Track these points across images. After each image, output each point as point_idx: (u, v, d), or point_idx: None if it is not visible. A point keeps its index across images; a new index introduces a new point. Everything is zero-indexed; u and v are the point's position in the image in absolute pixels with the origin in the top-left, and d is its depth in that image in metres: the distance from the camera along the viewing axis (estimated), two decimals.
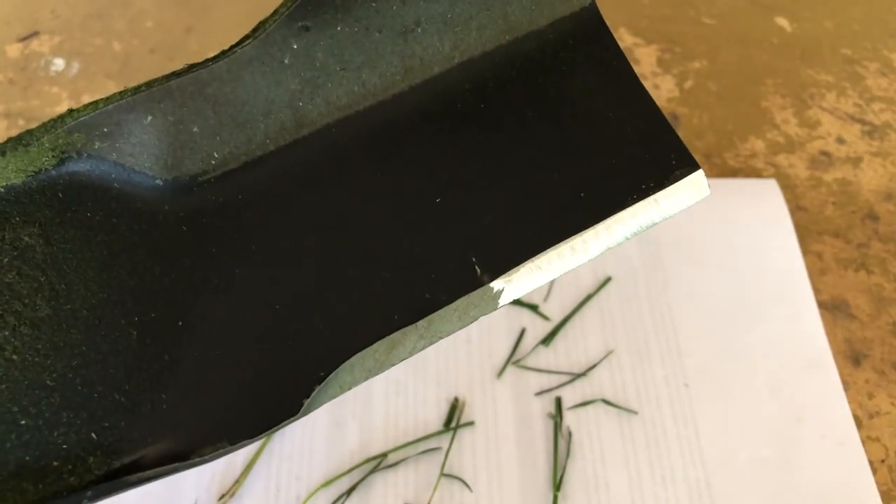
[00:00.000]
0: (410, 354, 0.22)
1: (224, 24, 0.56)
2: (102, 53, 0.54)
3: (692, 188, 0.24)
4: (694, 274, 0.42)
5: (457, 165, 0.24)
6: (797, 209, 0.46)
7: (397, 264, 0.23)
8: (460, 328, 0.22)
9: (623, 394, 0.38)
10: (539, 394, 0.38)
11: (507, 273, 0.22)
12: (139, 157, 0.24)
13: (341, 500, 0.35)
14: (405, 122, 0.25)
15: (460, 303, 0.22)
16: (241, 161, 0.25)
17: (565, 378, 0.39)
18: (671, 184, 0.24)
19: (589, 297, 0.41)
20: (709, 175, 0.44)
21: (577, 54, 0.26)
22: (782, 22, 0.57)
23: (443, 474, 0.36)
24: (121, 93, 0.24)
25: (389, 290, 0.23)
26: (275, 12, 0.24)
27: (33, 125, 0.49)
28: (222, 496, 0.35)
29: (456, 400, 0.38)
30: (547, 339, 0.40)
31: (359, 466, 0.36)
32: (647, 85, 0.53)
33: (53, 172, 0.23)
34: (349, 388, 0.22)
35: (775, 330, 0.40)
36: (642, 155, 0.24)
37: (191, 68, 0.24)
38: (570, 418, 0.38)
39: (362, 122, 0.25)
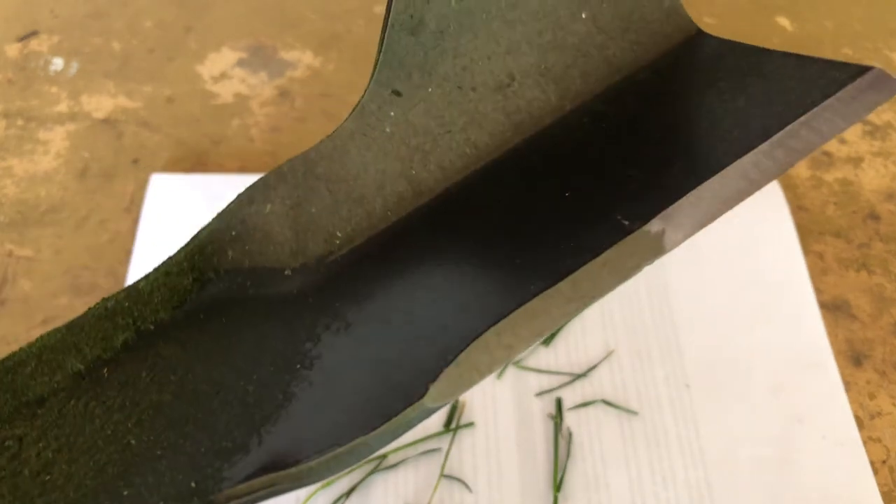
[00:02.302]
0: (557, 323, 0.19)
1: (223, 24, 0.56)
2: (101, 53, 0.53)
3: (873, 86, 0.20)
4: (694, 274, 0.42)
5: (587, 171, 0.22)
6: (798, 209, 0.46)
7: (534, 247, 0.21)
8: (618, 283, 0.19)
9: (623, 394, 0.38)
10: (539, 394, 0.38)
11: (664, 212, 0.19)
12: (267, 251, 0.24)
13: (341, 501, 0.35)
14: (527, 167, 0.24)
15: (610, 254, 0.19)
16: (365, 236, 0.25)
17: (565, 378, 0.39)
18: (850, 82, 0.20)
19: None
20: None
21: (697, 72, 0.25)
22: (783, 21, 0.56)
23: (443, 475, 0.36)
24: (239, 194, 0.24)
25: (526, 270, 0.20)
26: (367, 87, 0.25)
27: (32, 125, 0.49)
28: None
29: (456, 400, 0.38)
30: (547, 340, 0.40)
31: (359, 467, 0.36)
32: None
33: (196, 298, 0.24)
34: (488, 373, 0.19)
35: (776, 330, 0.40)
36: (804, 86, 0.21)
37: (301, 154, 0.24)
38: (570, 419, 0.37)
39: (482, 180, 0.25)
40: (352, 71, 0.53)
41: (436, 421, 0.37)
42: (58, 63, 0.53)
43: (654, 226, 0.19)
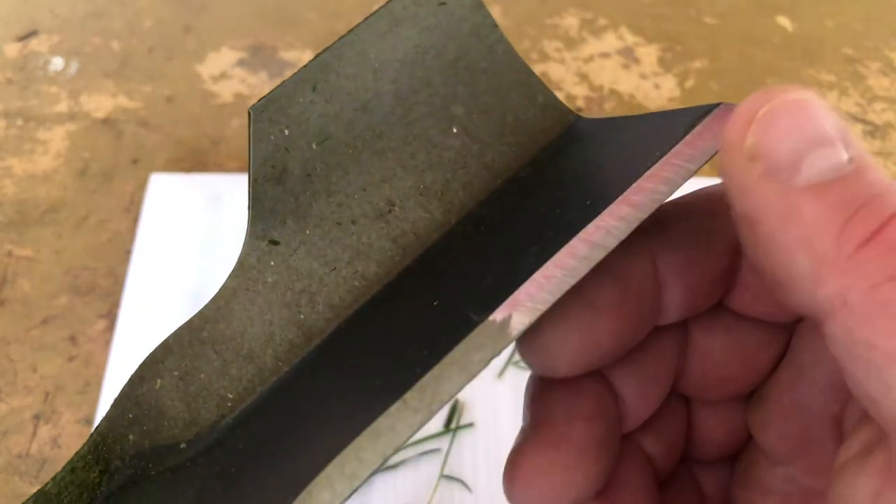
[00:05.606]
0: (403, 438, 0.18)
1: (223, 24, 0.55)
2: (101, 52, 0.53)
3: (718, 120, 0.19)
4: None
5: (457, 279, 0.22)
6: None
7: (396, 366, 0.20)
8: (466, 381, 0.18)
9: None
10: None
11: (509, 299, 0.19)
12: (162, 428, 0.24)
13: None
14: (413, 286, 0.24)
15: (455, 353, 0.18)
16: (257, 392, 0.24)
17: None
18: (697, 124, 0.20)
19: None
20: (710, 175, 0.44)
21: (570, 157, 0.25)
22: (783, 21, 0.56)
23: (442, 475, 0.36)
24: (131, 375, 0.24)
25: (384, 391, 0.19)
26: (244, 241, 0.24)
27: (32, 125, 0.49)
28: None
29: (456, 401, 0.38)
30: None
31: None
32: (648, 84, 0.53)
33: (105, 491, 0.23)
34: None
35: None
36: (655, 140, 0.21)
37: (185, 322, 0.24)
38: None
39: (371, 309, 0.24)
40: None
41: (436, 422, 0.37)
42: (57, 63, 0.53)
43: (499, 314, 0.19)
